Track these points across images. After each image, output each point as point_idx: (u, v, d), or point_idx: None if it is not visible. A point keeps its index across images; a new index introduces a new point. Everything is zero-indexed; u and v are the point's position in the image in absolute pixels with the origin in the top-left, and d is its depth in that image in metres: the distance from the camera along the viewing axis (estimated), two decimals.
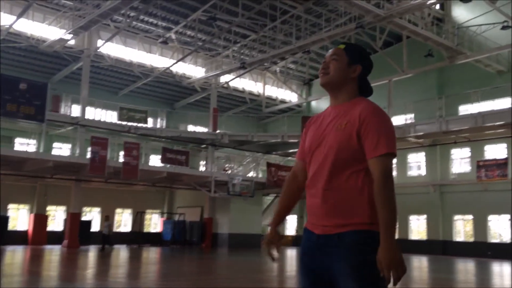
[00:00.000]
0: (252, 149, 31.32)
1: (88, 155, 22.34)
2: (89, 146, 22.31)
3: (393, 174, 2.13)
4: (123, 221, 31.08)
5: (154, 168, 25.38)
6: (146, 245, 27.35)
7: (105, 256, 18.71)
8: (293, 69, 33.37)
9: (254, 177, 28.53)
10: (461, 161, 27.34)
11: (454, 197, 26.68)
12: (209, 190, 26.31)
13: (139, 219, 29.46)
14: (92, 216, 28.97)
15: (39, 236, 25.61)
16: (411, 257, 22.58)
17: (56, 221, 27.96)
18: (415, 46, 25.42)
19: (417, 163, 29.16)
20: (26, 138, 25.13)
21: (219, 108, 30.89)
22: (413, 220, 28.48)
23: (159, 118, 31.06)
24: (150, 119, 28.79)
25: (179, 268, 15.42)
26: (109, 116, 28.38)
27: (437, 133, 24.41)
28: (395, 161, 2.16)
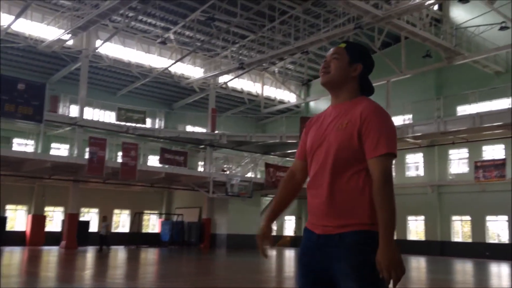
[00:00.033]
0: (251, 150, 31.33)
1: (86, 155, 22.31)
2: (87, 147, 22.27)
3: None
4: (121, 221, 31.05)
5: (152, 168, 25.36)
6: (144, 246, 27.31)
7: (103, 257, 18.68)
8: (292, 69, 33.38)
9: (253, 178, 28.53)
10: (459, 161, 27.38)
11: (452, 197, 26.72)
12: (207, 190, 26.30)
13: (137, 219, 29.43)
14: (90, 217, 28.95)
15: (37, 237, 25.58)
16: (409, 257, 22.59)
17: (54, 222, 27.92)
18: (413, 47, 25.46)
19: (415, 164, 29.20)
20: (24, 139, 25.11)
21: (217, 109, 30.88)
22: (411, 220, 28.51)
23: (157, 118, 31.06)
24: (148, 119, 28.80)
25: (178, 269, 15.41)
26: (107, 116, 28.33)
27: (435, 133, 24.46)
28: (393, 161, 2.15)
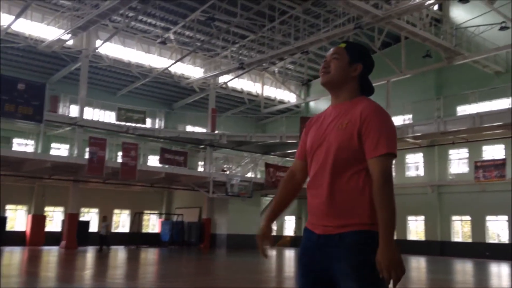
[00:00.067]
0: (251, 150, 31.33)
1: (86, 155, 22.30)
2: (87, 147, 22.27)
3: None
4: (121, 221, 31.05)
5: (152, 168, 25.36)
6: (144, 246, 27.30)
7: (103, 257, 18.68)
8: (292, 69, 33.38)
9: (253, 178, 28.53)
10: (459, 161, 27.38)
11: (452, 197, 26.71)
12: (207, 190, 26.29)
13: (137, 219, 29.43)
14: (90, 217, 28.95)
15: (37, 237, 25.58)
16: (409, 257, 22.59)
17: (54, 222, 27.92)
18: (413, 47, 25.46)
19: (415, 164, 29.20)
20: (24, 139, 25.09)
21: (217, 109, 30.88)
22: (411, 220, 28.50)
23: (157, 118, 31.05)
24: (148, 119, 28.80)
25: (178, 269, 15.41)
26: (107, 116, 28.33)
27: (435, 133, 24.46)
28: (393, 161, 2.15)
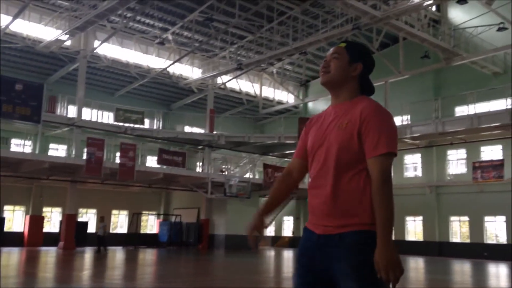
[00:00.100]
0: (249, 150, 31.32)
1: (84, 156, 22.26)
2: (85, 147, 22.23)
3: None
4: (119, 222, 31.01)
5: (150, 169, 25.31)
6: (142, 247, 27.27)
7: (101, 257, 18.64)
8: (290, 70, 33.39)
9: (251, 179, 28.49)
10: (457, 162, 27.42)
11: (450, 198, 26.74)
12: (205, 191, 26.27)
13: (135, 220, 29.38)
14: (88, 217, 28.91)
15: (35, 238, 25.51)
16: (408, 258, 22.62)
17: (52, 223, 27.87)
18: (411, 48, 25.48)
19: (413, 164, 29.23)
20: (22, 139, 25.02)
21: (215, 109, 30.88)
22: (410, 221, 28.52)
23: (155, 119, 31.01)
24: (146, 120, 28.76)
25: (176, 269, 15.39)
26: (106, 117, 28.29)
27: (433, 134, 24.51)
28: (393, 161, 2.14)
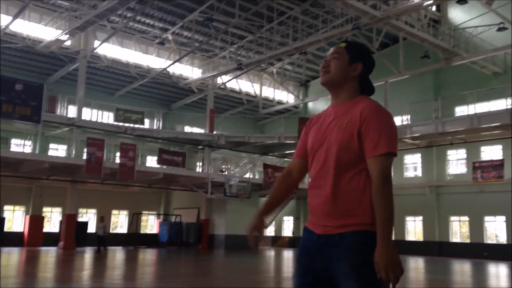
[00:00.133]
0: (249, 150, 31.32)
1: (84, 156, 22.26)
2: (85, 147, 22.23)
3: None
4: (119, 222, 31.00)
5: (150, 169, 25.30)
6: (142, 247, 27.27)
7: (101, 257, 18.64)
8: (290, 70, 33.39)
9: (251, 179, 28.49)
10: (457, 162, 27.42)
11: (450, 198, 26.74)
12: (205, 191, 26.26)
13: (135, 220, 29.38)
14: (88, 217, 28.91)
15: (35, 238, 25.51)
16: (408, 258, 22.62)
17: (52, 223, 27.86)
18: (411, 48, 25.47)
19: (413, 164, 29.22)
20: (22, 139, 25.03)
21: (215, 109, 30.88)
22: (410, 221, 28.52)
23: (155, 119, 31.01)
24: (146, 120, 28.76)
25: (176, 269, 15.39)
26: (106, 117, 28.29)
27: (433, 134, 24.50)
28: (393, 161, 2.14)
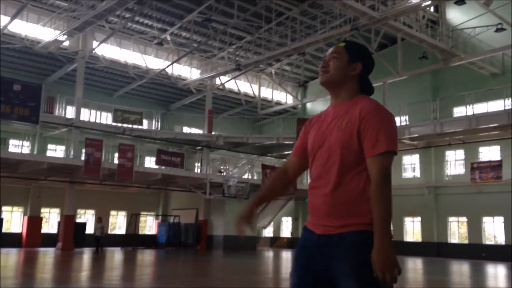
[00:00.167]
0: (247, 151, 31.32)
1: (83, 157, 22.23)
2: (83, 148, 22.20)
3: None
4: (117, 223, 30.96)
5: (149, 170, 25.27)
6: (140, 248, 27.24)
7: (99, 258, 18.62)
8: (289, 71, 33.40)
9: (249, 179, 28.50)
10: (455, 163, 27.45)
11: (448, 199, 26.77)
12: (204, 192, 26.25)
13: (133, 221, 29.35)
14: (86, 218, 28.86)
15: (33, 239, 25.46)
16: (406, 258, 22.63)
17: (50, 224, 27.82)
18: (409, 48, 25.51)
19: (411, 165, 29.25)
20: (20, 140, 24.98)
21: (214, 110, 30.86)
22: (408, 222, 28.55)
23: (154, 119, 30.97)
24: (145, 120, 28.71)
25: (174, 270, 15.37)
26: (104, 117, 28.25)
27: (431, 135, 24.52)
28: (392, 160, 2.13)
